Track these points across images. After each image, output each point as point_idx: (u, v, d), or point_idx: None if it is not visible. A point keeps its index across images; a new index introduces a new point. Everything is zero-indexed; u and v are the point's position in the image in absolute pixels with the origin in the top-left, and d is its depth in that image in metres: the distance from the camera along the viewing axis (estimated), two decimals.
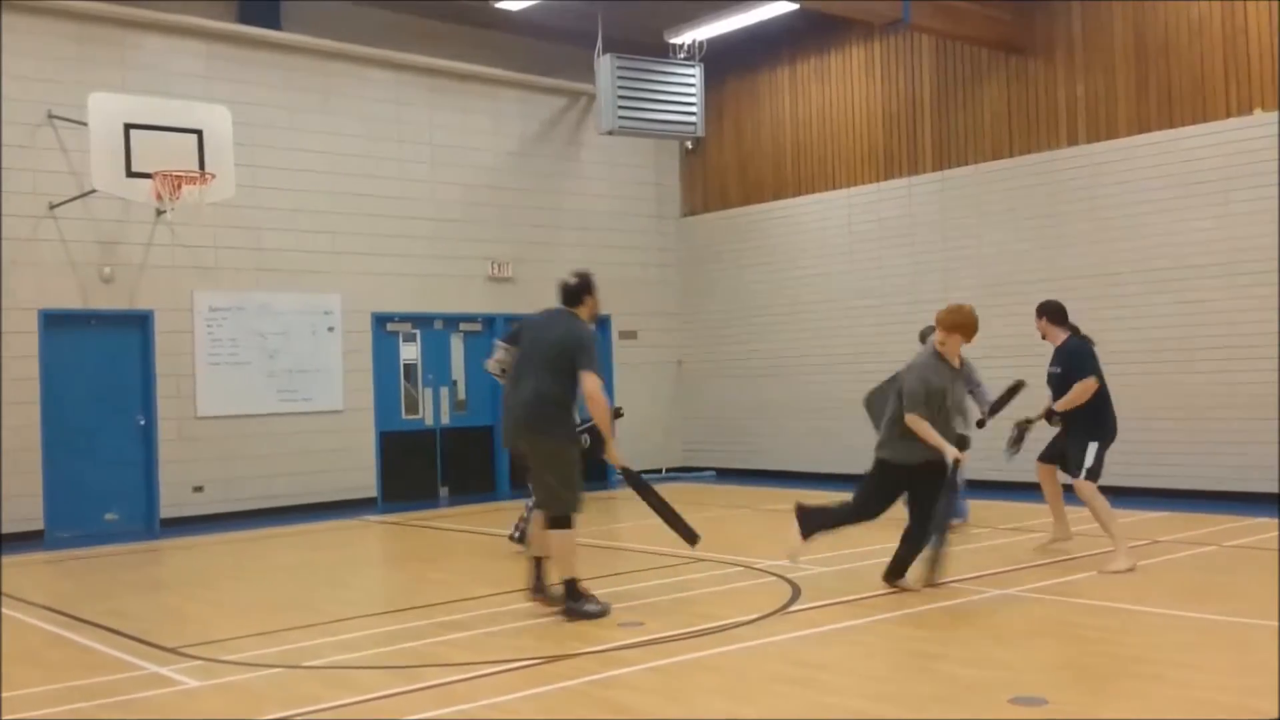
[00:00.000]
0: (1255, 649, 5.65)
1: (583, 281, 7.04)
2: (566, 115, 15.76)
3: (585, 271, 7.17)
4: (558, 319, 6.95)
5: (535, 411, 6.71)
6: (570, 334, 6.76)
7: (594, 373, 6.65)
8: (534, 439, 6.76)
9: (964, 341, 7.17)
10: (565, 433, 6.75)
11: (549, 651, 5.98)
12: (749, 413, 15.88)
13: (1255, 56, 11.22)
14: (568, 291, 7.02)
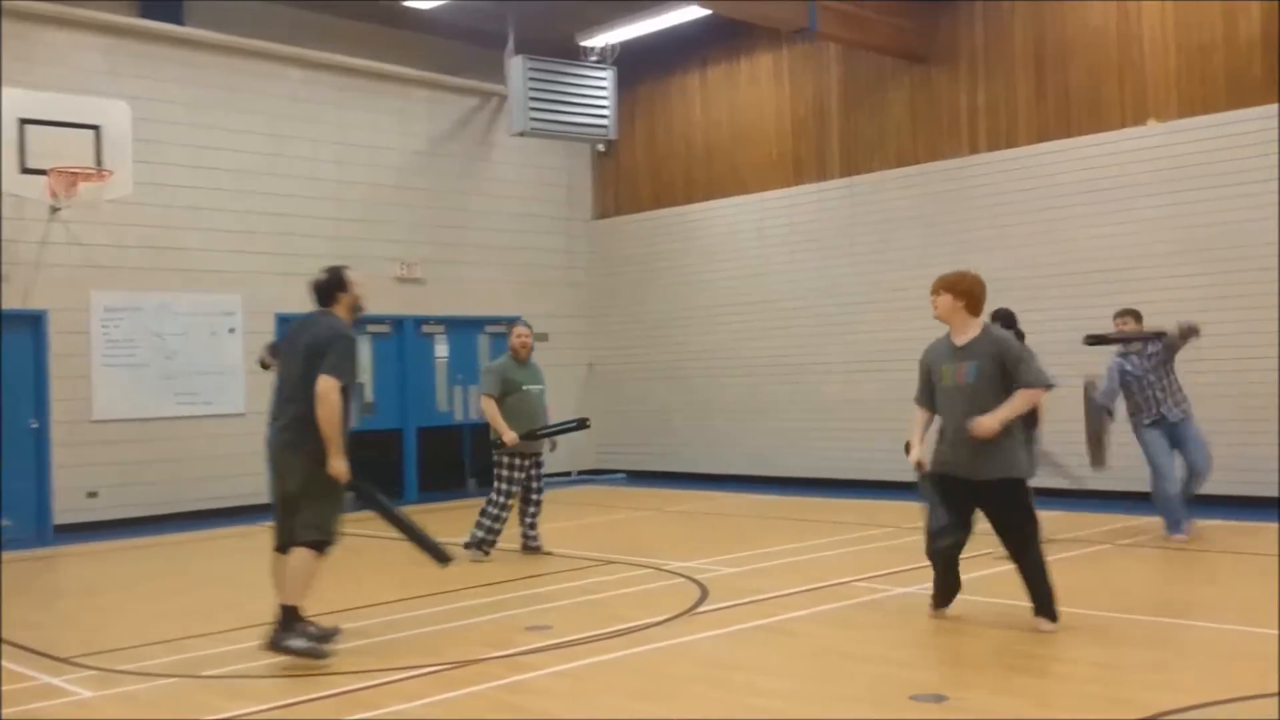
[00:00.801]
0: (1146, 644, 5.84)
1: (333, 276, 6.37)
2: (477, 116, 15.66)
3: (337, 266, 6.50)
4: (309, 322, 6.32)
5: (291, 429, 6.09)
6: (317, 338, 6.10)
7: (333, 375, 5.95)
8: (287, 458, 6.11)
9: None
10: (321, 451, 6.06)
11: (455, 657, 5.93)
12: (660, 415, 15.95)
13: (1149, 67, 11.61)
14: (318, 289, 6.34)
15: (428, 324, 15.14)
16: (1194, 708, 4.65)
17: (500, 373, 9.30)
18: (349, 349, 6.13)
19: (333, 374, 5.97)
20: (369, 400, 14.61)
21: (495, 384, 9.22)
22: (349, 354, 6.13)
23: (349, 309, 6.35)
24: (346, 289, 6.35)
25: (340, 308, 6.32)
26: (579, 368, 16.70)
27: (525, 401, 9.26)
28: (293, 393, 6.10)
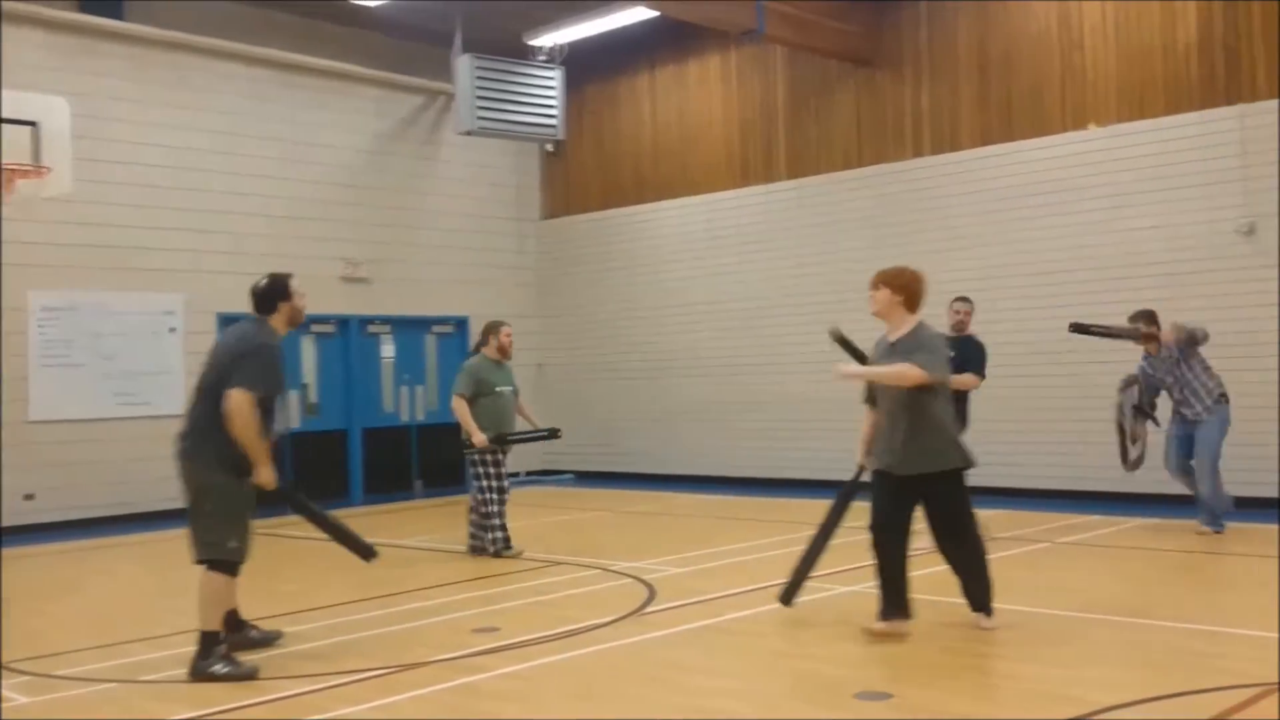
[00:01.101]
0: (1085, 642, 5.94)
1: (275, 284, 6.10)
2: (424, 115, 15.56)
3: (281, 274, 6.26)
4: (234, 330, 6.09)
5: (190, 438, 5.81)
6: (235, 347, 5.86)
7: (245, 389, 5.65)
8: (185, 468, 5.83)
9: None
10: (220, 463, 5.73)
11: (401, 660, 5.89)
12: (609, 416, 15.95)
13: (1090, 72, 11.80)
14: (257, 296, 6.07)
15: (374, 324, 15.02)
16: (1133, 704, 4.74)
17: (475, 373, 9.24)
18: (269, 360, 5.86)
19: (246, 386, 5.69)
20: (313, 401, 14.47)
21: (469, 385, 9.16)
22: (269, 365, 5.84)
23: (287, 319, 6.12)
24: (289, 298, 6.11)
25: (278, 317, 6.08)
26: (528, 368, 16.62)
27: (498, 403, 9.25)
28: (197, 399, 5.88)
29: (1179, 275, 11.11)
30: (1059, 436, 11.77)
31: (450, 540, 10.53)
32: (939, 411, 6.05)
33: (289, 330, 6.14)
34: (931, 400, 6.02)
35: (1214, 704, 4.69)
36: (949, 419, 6.10)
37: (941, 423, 6.06)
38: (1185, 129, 11.12)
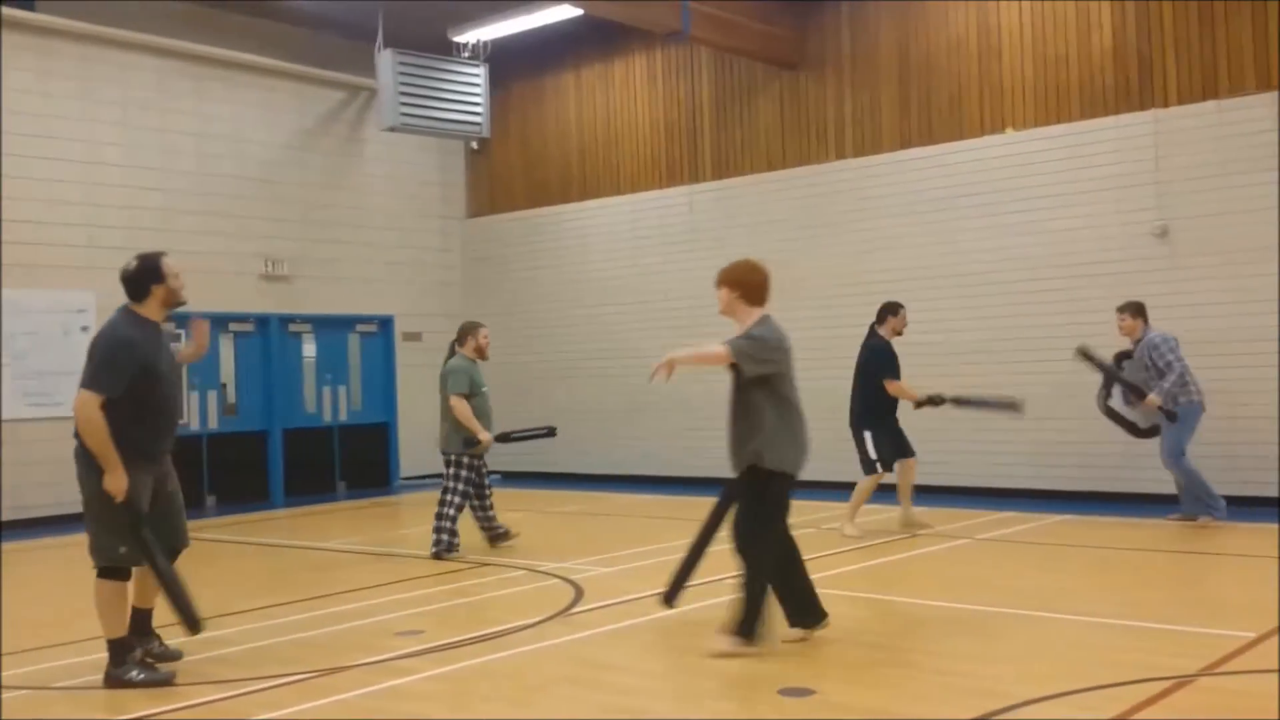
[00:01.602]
0: (1006, 636, 6.05)
1: (144, 266, 5.54)
2: (346, 110, 15.36)
3: (152, 253, 5.69)
4: (104, 324, 5.61)
5: (77, 438, 5.48)
6: (93, 342, 5.46)
7: (86, 389, 5.29)
8: (77, 470, 5.52)
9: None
10: (97, 466, 5.38)
11: (323, 664, 5.80)
12: (535, 416, 15.84)
13: (1008, 77, 12.03)
14: (126, 282, 5.55)
15: (294, 323, 14.79)
16: (1052, 697, 4.83)
17: (468, 372, 9.17)
18: (112, 354, 5.34)
19: (87, 385, 5.29)
20: (231, 402, 14.20)
21: (466, 383, 9.08)
22: (111, 360, 5.33)
23: (162, 303, 5.56)
24: (161, 280, 5.53)
25: (152, 301, 5.54)
26: None
27: (485, 403, 9.24)
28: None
29: (1094, 276, 11.38)
30: (978, 435, 11.97)
31: (374, 542, 10.40)
32: (765, 409, 5.68)
33: (165, 314, 5.63)
34: (756, 395, 5.68)
35: (1130, 696, 4.80)
36: (776, 419, 5.68)
37: (763, 421, 5.68)
38: (1100, 133, 11.39)
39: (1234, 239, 10.66)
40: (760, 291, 5.96)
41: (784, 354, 5.82)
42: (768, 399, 5.73)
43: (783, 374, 5.80)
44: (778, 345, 5.80)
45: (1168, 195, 11.00)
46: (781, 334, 5.87)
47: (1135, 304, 9.76)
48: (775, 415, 5.72)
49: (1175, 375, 9.28)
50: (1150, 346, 9.44)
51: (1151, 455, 11.16)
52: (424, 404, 15.86)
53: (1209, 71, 10.87)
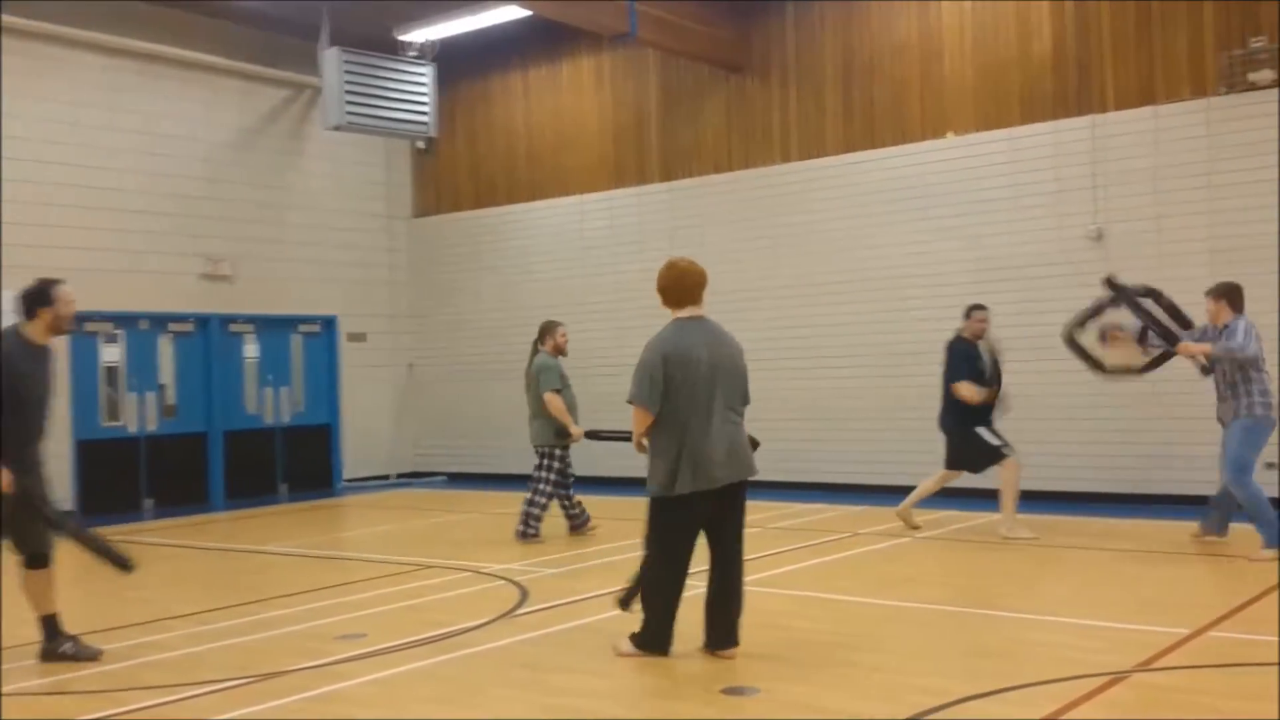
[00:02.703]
0: (939, 632, 6.12)
1: (36, 289, 5.96)
2: (290, 108, 15.19)
3: (50, 279, 6.07)
4: None
5: None
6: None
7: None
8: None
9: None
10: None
11: (261, 669, 5.73)
12: (482, 417, 15.80)
13: (949, 82, 12.18)
14: (21, 299, 5.97)
15: (236, 323, 14.60)
16: (991, 694, 4.90)
17: (556, 369, 9.70)
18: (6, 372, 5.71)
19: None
20: (170, 403, 13.97)
21: (557, 379, 9.60)
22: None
23: (48, 326, 5.94)
24: (49, 304, 5.93)
25: (38, 323, 5.93)
26: (398, 368, 16.41)
27: (570, 397, 9.78)
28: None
29: (1031, 279, 11.55)
30: (915, 435, 12.09)
31: (315, 546, 10.30)
32: (658, 429, 5.56)
33: (51, 337, 6.00)
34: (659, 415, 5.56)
35: (1066, 693, 4.88)
36: (660, 440, 5.55)
37: (654, 443, 5.60)
38: (1039, 138, 11.56)
39: (1167, 242, 10.88)
40: (675, 293, 5.71)
41: (676, 367, 5.48)
42: (662, 418, 5.53)
43: (674, 390, 5.49)
44: (658, 362, 5.51)
45: (1104, 199, 11.19)
46: (673, 345, 5.54)
47: (1225, 285, 8.26)
48: (662, 436, 5.53)
49: (1239, 337, 7.88)
50: (1229, 333, 8.01)
51: (1101, 454, 11.37)
52: (368, 406, 15.80)
53: (1145, 78, 11.08)
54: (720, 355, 5.61)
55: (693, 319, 5.69)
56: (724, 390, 5.58)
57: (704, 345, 5.58)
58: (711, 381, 5.53)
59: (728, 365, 5.63)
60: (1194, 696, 4.83)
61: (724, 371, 5.59)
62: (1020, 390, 11.47)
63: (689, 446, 5.48)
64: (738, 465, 5.57)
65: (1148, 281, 10.92)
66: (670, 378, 5.51)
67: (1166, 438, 10.84)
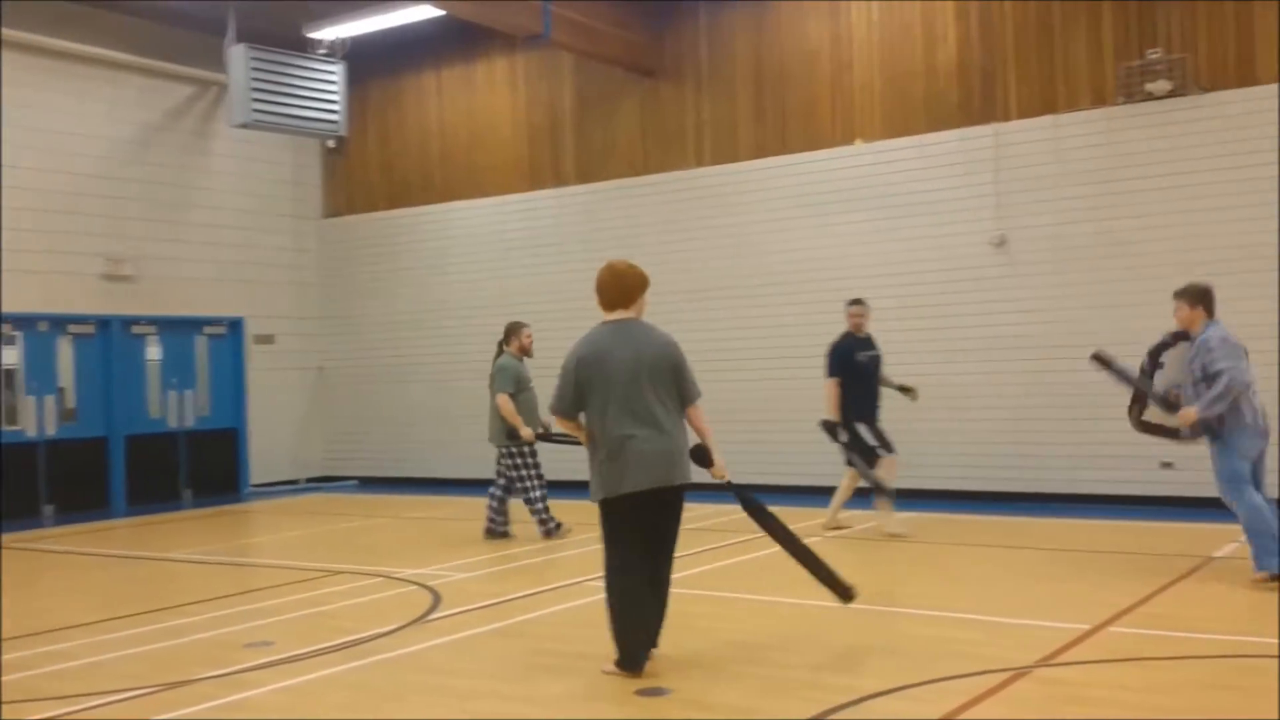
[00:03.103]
0: (849, 630, 6.21)
1: None
2: (195, 106, 14.86)
3: None
4: None
5: None
6: None
7: None
8: None
9: None
10: None
11: (166, 678, 5.60)
12: (394, 419, 15.64)
13: (858, 89, 12.38)
14: None
15: (138, 324, 14.23)
16: (895, 691, 4.99)
17: (516, 371, 9.78)
18: None
19: None
20: (70, 407, 13.57)
21: (512, 382, 9.67)
22: None
23: None
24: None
25: None
26: (308, 371, 16.15)
27: (532, 398, 9.84)
28: None
29: (936, 284, 11.80)
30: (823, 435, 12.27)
31: (221, 552, 10.10)
32: (593, 437, 5.49)
33: None
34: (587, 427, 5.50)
35: (970, 688, 4.99)
36: (592, 446, 5.48)
37: (589, 450, 5.52)
38: (944, 145, 11.81)
39: (1067, 249, 11.19)
40: (610, 295, 5.60)
41: (591, 370, 5.40)
42: (593, 425, 5.45)
43: (595, 394, 5.40)
44: (571, 367, 5.45)
45: (1007, 206, 11.48)
46: (590, 348, 5.47)
47: (1196, 288, 7.34)
48: (597, 442, 5.43)
49: (1221, 386, 6.86)
50: (1204, 348, 7.09)
51: (1009, 454, 11.64)
52: (276, 409, 15.52)
53: (1047, 88, 11.39)
54: (645, 355, 5.44)
55: (619, 321, 5.56)
56: (653, 391, 5.41)
57: (626, 346, 5.44)
58: (636, 383, 5.38)
59: (655, 364, 5.45)
60: (1097, 691, 4.98)
61: (651, 370, 5.43)
62: (928, 391, 11.71)
63: (612, 450, 5.36)
64: (666, 470, 5.38)
65: (1044, 286, 11.28)
66: (586, 381, 5.42)
67: (1066, 437, 11.14)
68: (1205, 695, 4.87)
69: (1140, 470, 10.67)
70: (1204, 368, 7.02)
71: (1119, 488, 10.83)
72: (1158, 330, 10.41)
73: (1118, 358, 7.70)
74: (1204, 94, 10.55)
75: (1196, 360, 7.11)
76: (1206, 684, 5.02)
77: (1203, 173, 10.55)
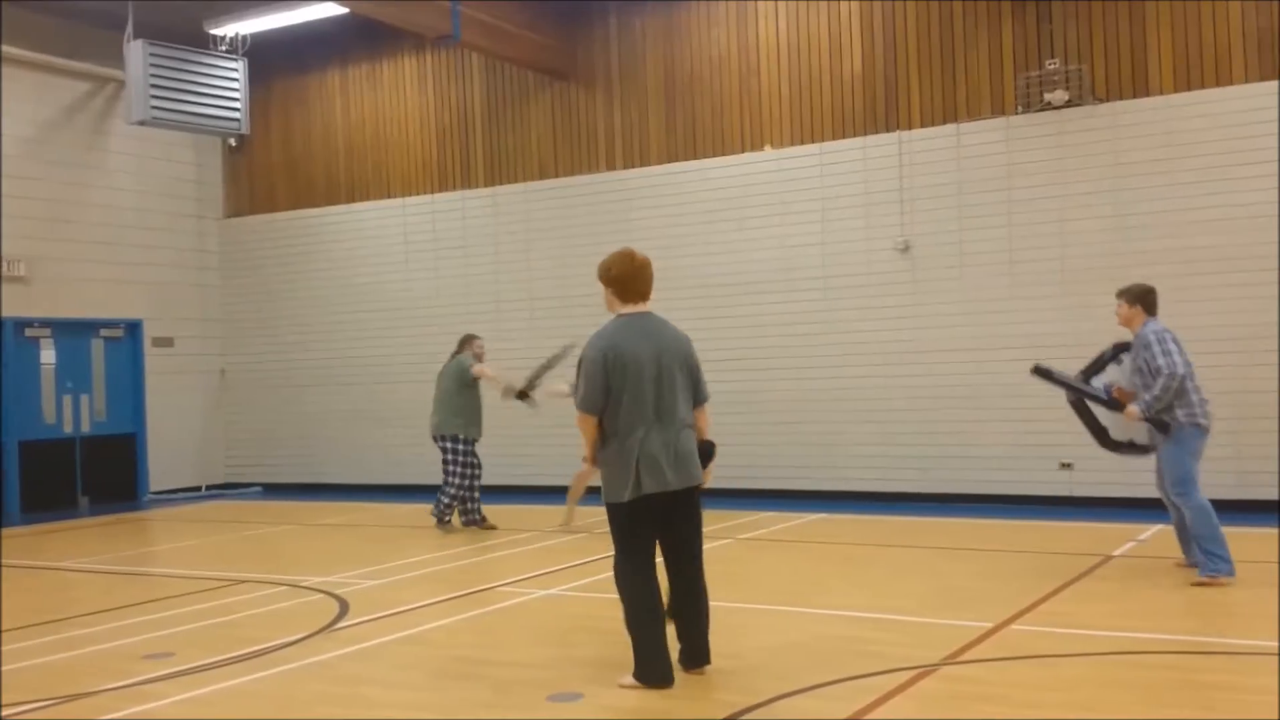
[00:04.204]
0: (752, 631, 6.27)
1: None
2: (91, 102, 14.43)
3: None
4: None
5: None
6: None
7: None
8: None
9: None
10: None
11: (64, 690, 5.43)
12: (299, 424, 15.36)
13: (766, 96, 12.51)
14: None
15: (32, 327, 13.77)
16: (802, 691, 5.05)
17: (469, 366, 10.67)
18: None
19: None
20: None
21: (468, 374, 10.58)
22: None
23: None
24: None
25: None
26: (210, 374, 15.78)
27: (476, 399, 10.62)
28: None
29: (843, 289, 11.98)
30: (736, 438, 12.39)
31: (120, 561, 9.81)
32: (607, 435, 5.29)
33: None
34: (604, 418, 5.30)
35: (877, 687, 5.07)
36: (611, 445, 5.26)
37: (603, 451, 5.32)
38: (849, 152, 12.00)
39: (970, 254, 11.45)
40: (628, 285, 5.39)
41: (618, 367, 5.19)
42: (608, 423, 5.26)
43: (618, 390, 5.19)
44: (599, 362, 5.21)
45: (910, 213, 11.70)
46: (614, 343, 5.24)
47: (1140, 289, 7.50)
48: (612, 441, 5.25)
49: (1159, 387, 7.02)
50: (1141, 343, 7.28)
51: (904, 455, 11.84)
52: (176, 414, 15.14)
53: (949, 97, 11.64)
54: (669, 351, 5.29)
55: (639, 314, 5.38)
56: (675, 389, 5.27)
57: (650, 341, 5.27)
58: (659, 381, 5.22)
59: (677, 361, 5.32)
60: (1004, 689, 5.08)
61: (673, 367, 5.28)
62: (836, 395, 11.93)
63: (631, 450, 5.17)
64: (687, 471, 5.24)
65: (947, 291, 11.53)
66: (613, 376, 5.19)
67: (972, 439, 11.39)
68: (1104, 692, 5.01)
69: (1042, 471, 10.97)
70: (1146, 362, 7.19)
71: (1021, 488, 11.10)
72: (1055, 334, 10.82)
73: (1056, 367, 7.76)
74: (1100, 104, 10.89)
75: (1139, 356, 7.28)
76: (1105, 681, 5.17)
77: (1098, 180, 10.88)
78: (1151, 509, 10.00)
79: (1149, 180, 10.67)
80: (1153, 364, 7.13)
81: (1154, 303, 7.45)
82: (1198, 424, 7.14)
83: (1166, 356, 7.07)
